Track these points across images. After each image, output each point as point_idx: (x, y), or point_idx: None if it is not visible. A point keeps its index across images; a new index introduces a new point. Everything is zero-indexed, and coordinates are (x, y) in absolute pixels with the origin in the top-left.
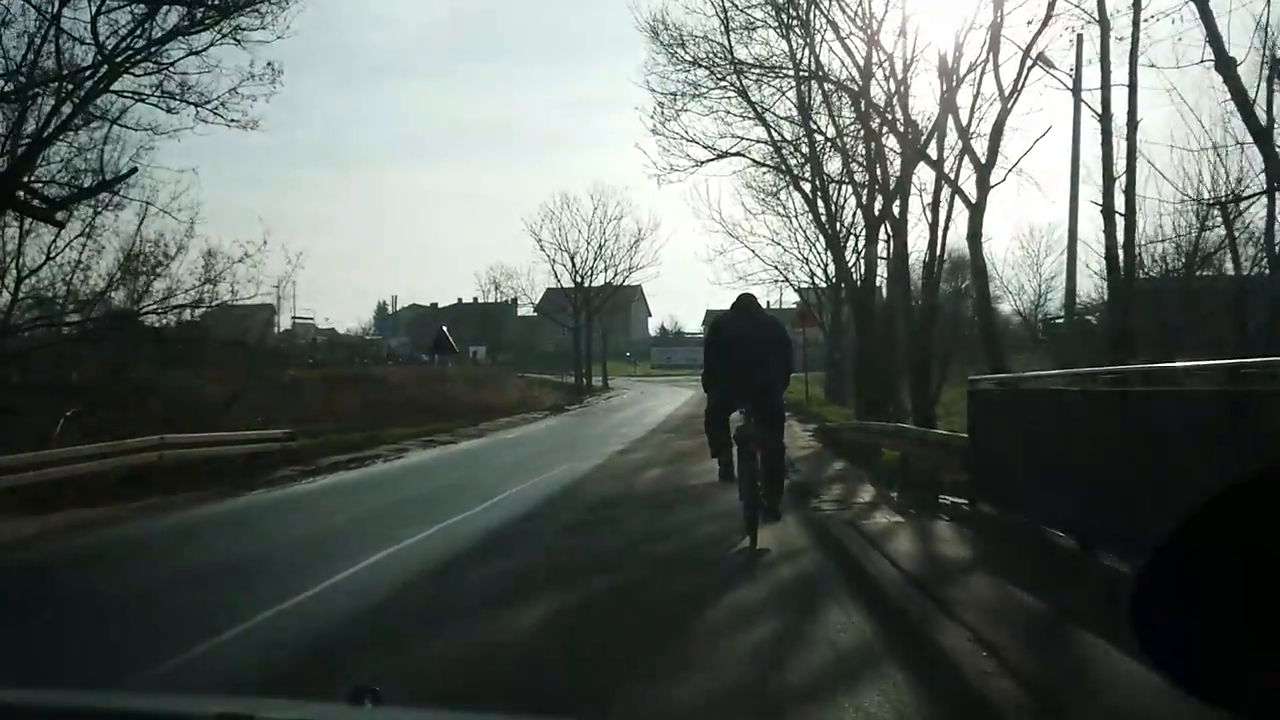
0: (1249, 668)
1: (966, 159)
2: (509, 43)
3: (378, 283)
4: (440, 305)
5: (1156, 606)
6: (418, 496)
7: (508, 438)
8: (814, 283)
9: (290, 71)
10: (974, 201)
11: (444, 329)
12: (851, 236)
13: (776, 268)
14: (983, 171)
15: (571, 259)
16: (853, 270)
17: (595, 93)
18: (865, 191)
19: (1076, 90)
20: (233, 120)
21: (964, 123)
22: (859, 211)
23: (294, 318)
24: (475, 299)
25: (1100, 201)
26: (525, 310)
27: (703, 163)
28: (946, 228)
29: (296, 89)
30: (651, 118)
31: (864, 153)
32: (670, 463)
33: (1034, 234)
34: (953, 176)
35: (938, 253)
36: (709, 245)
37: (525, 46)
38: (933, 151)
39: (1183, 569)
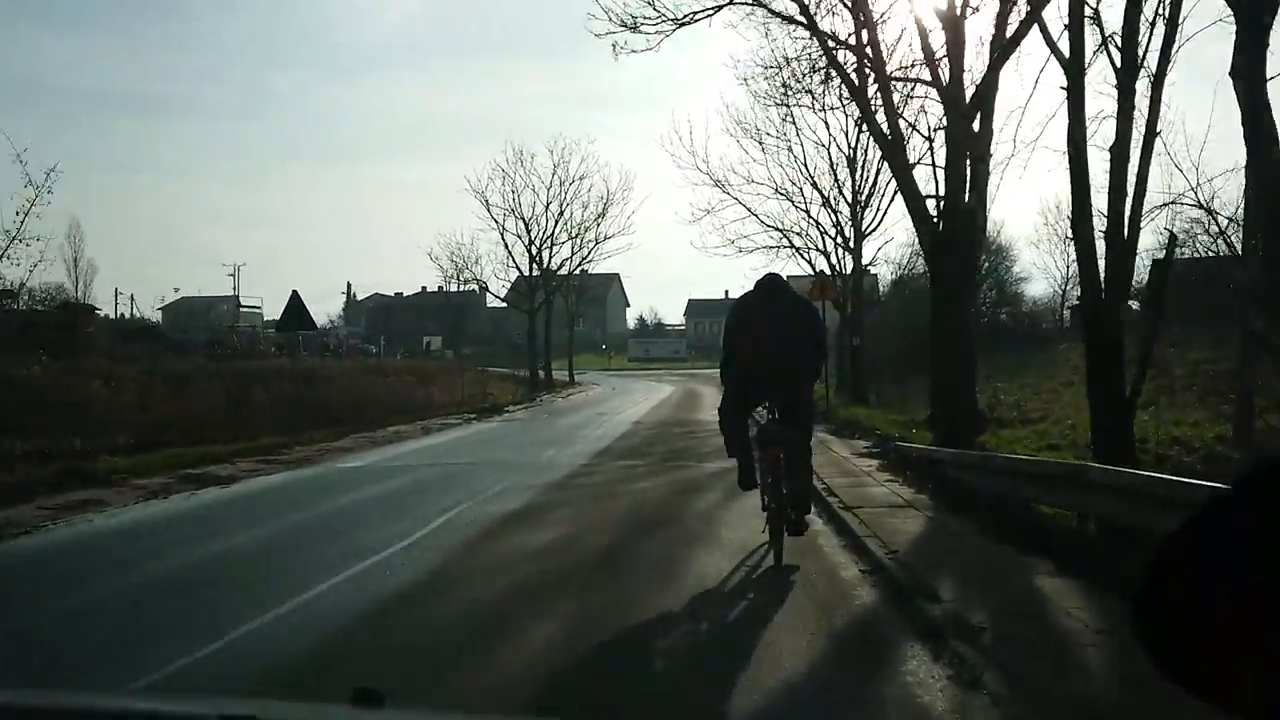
0: (1254, 670)
1: None
2: (490, 36)
3: (358, 276)
4: (406, 294)
5: (1161, 607)
6: None
7: (337, 469)
8: (827, 246)
9: (272, 66)
10: None
11: (297, 292)
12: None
13: (779, 229)
14: None
15: (526, 226)
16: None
17: (580, 87)
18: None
19: None
20: None
21: None
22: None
23: (239, 307)
24: (440, 287)
25: None
26: (494, 302)
27: (684, 21)
28: None
29: (278, 83)
30: None
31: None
32: (605, 566)
33: (1060, 209)
34: None
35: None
36: (692, 204)
37: (506, 40)
38: None
39: (1187, 568)
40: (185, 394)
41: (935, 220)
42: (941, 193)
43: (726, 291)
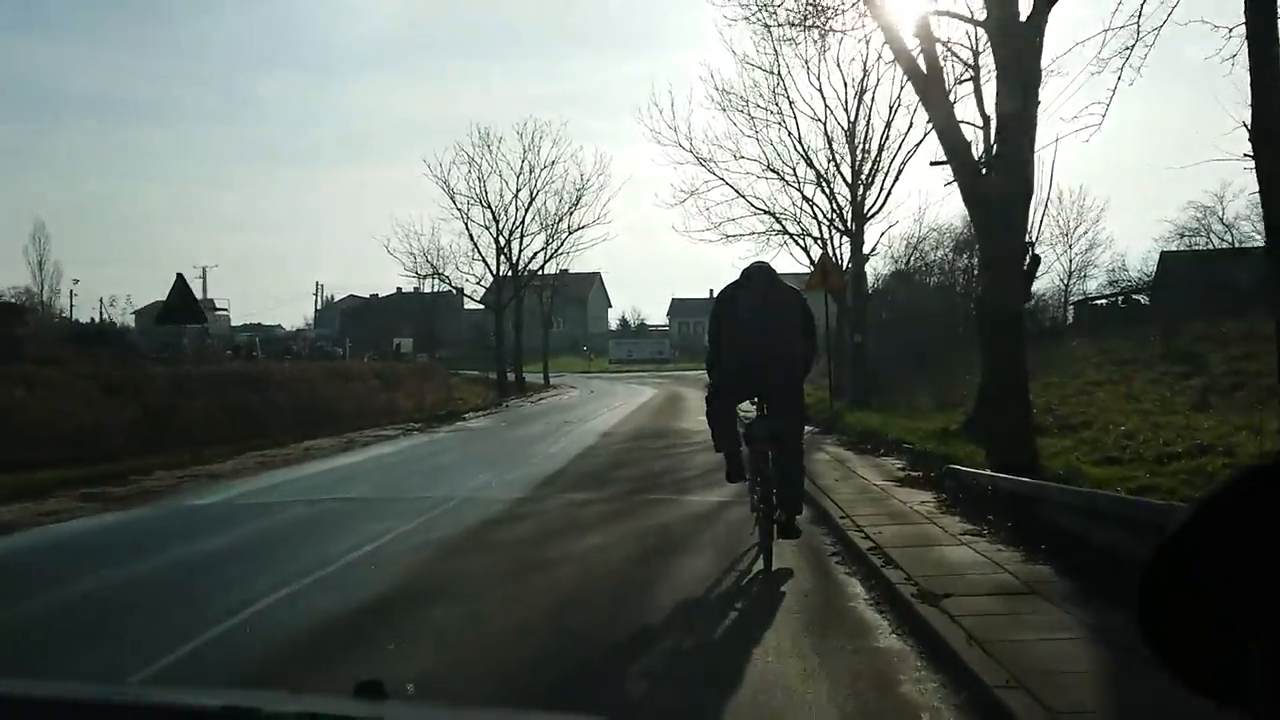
0: (1256, 666)
1: None
2: (467, 39)
3: (337, 278)
4: (381, 295)
5: (1164, 604)
6: None
7: (176, 509)
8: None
9: (253, 69)
10: None
11: (181, 276)
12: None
13: (770, 213)
14: None
15: (494, 215)
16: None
17: (561, 89)
18: None
19: None
20: None
21: None
22: None
23: (211, 310)
24: (416, 288)
25: None
26: (470, 304)
27: None
28: None
29: (256, 86)
30: None
31: None
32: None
33: (1062, 200)
34: None
35: None
36: (675, 185)
37: (485, 43)
38: None
39: (1190, 565)
40: (113, 403)
41: (980, 168)
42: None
43: (711, 290)
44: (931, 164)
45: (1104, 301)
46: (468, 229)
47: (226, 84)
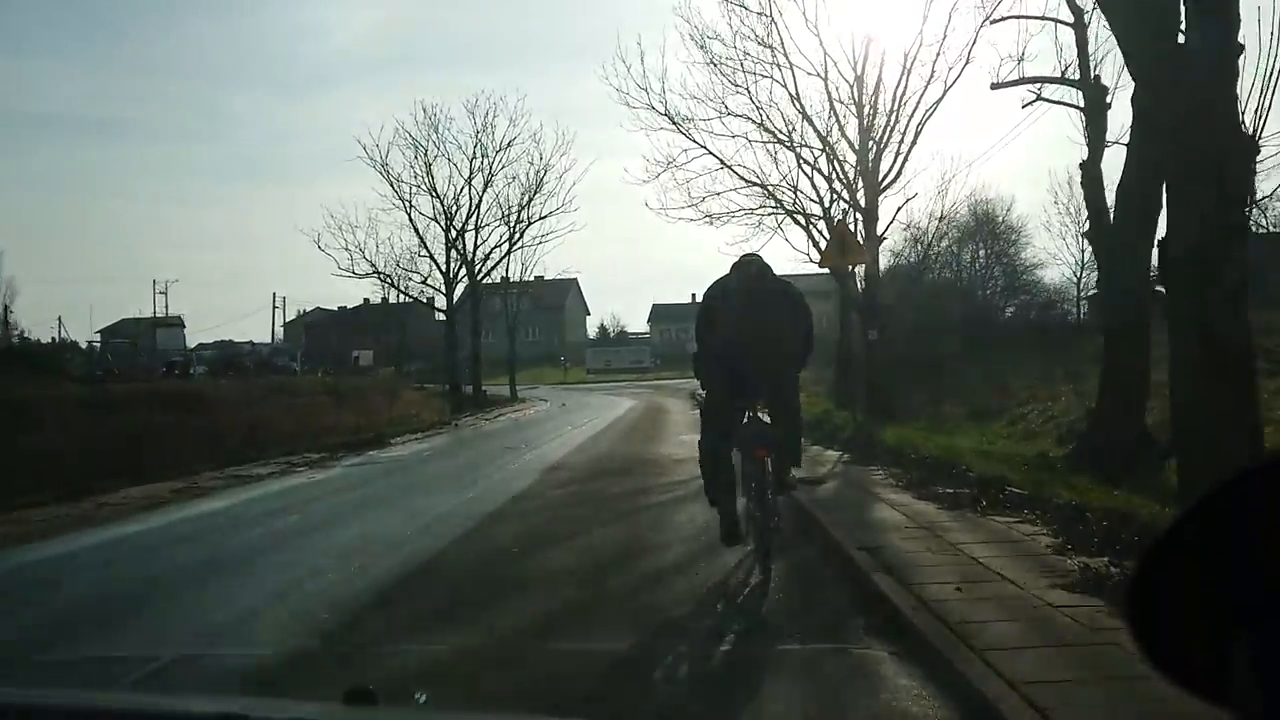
0: (1245, 665)
1: None
2: (443, 53)
3: (306, 292)
4: (349, 307)
5: (1155, 602)
6: None
7: None
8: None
9: (223, 86)
10: None
11: None
12: None
13: (762, 185)
14: None
15: (442, 204)
16: None
17: (539, 103)
18: None
19: None
20: None
21: None
22: None
23: (155, 323)
24: (384, 299)
25: None
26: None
27: None
28: None
29: (230, 103)
30: None
31: None
32: None
33: (1071, 184)
34: None
35: None
36: (649, 157)
37: (459, 57)
38: None
39: (1182, 563)
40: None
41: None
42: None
43: (694, 295)
44: (994, 87)
45: None
46: (411, 221)
47: (199, 101)
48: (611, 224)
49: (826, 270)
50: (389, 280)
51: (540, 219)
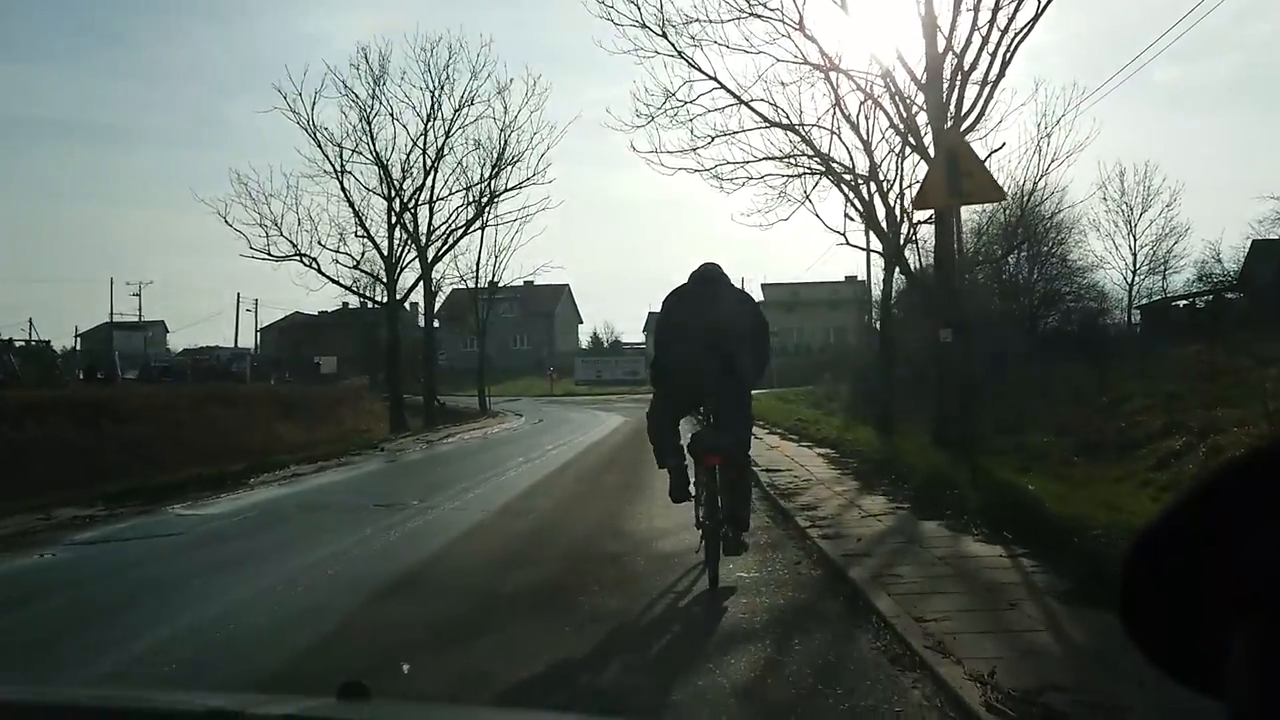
0: (1241, 656)
1: None
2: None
3: (294, 299)
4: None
5: (1146, 592)
6: None
7: None
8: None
9: (222, 93)
10: None
11: None
12: None
13: (793, 127)
14: None
15: (387, 174)
16: None
17: (537, 116)
18: None
19: None
20: None
21: None
22: None
23: (112, 326)
24: (363, 303)
25: None
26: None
27: None
28: None
29: (228, 110)
30: None
31: None
32: None
33: (1124, 178)
34: None
35: None
36: (635, 94)
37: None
38: None
39: (1174, 553)
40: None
41: None
42: None
43: None
44: None
45: (1179, 300)
46: (344, 193)
47: (195, 108)
48: (612, 224)
49: (842, 278)
50: (313, 264)
51: (507, 190)
